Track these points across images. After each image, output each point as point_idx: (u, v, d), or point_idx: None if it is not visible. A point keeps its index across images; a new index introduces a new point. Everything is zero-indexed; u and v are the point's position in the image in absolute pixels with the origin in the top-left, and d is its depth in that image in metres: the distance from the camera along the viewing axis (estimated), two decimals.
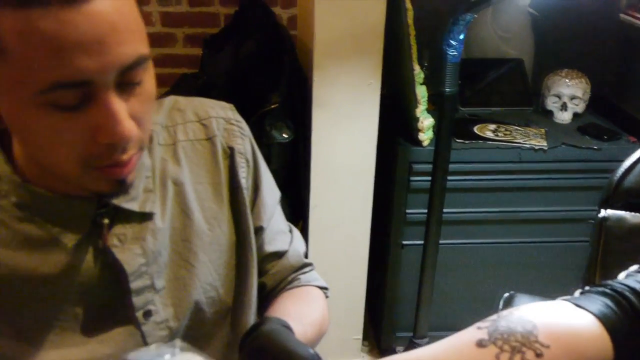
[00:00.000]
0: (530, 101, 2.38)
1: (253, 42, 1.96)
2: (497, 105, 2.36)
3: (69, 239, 0.80)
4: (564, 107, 2.24)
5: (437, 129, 1.84)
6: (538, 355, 0.74)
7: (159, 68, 1.89)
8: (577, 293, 0.87)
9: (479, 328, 0.78)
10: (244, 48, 1.95)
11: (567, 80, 2.24)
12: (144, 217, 0.85)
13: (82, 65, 0.64)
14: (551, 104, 2.27)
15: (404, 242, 2.19)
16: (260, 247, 0.99)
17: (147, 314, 0.86)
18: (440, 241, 2.02)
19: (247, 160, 0.95)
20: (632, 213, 1.08)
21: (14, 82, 0.65)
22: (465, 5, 1.64)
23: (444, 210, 1.97)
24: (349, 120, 1.96)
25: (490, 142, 2.08)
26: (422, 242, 2.02)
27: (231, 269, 0.95)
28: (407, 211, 2.14)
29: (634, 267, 0.89)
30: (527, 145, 2.06)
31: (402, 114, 2.12)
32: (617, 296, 0.82)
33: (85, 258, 0.82)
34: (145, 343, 0.85)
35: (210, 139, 0.93)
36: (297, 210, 2.17)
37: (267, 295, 1.03)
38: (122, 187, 0.78)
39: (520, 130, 2.16)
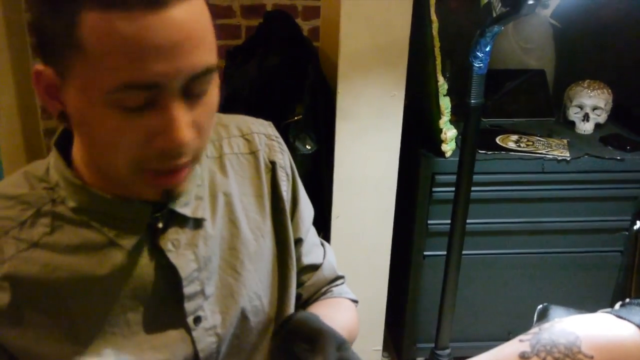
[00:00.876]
0: (552, 112, 2.38)
1: (277, 55, 1.98)
2: (519, 116, 2.36)
3: (126, 242, 0.81)
4: (586, 117, 2.24)
5: (462, 140, 1.84)
6: None
7: None
8: (617, 306, 0.87)
9: (521, 341, 0.78)
10: (269, 60, 1.97)
11: (589, 91, 2.24)
12: (197, 223, 0.87)
13: (154, 68, 0.65)
14: (573, 114, 2.27)
15: (426, 253, 2.19)
16: (298, 258, 1.01)
17: (197, 320, 0.87)
18: (463, 252, 2.01)
19: (288, 175, 0.98)
20: None
21: (88, 80, 0.67)
22: (493, 17, 1.65)
23: (467, 221, 1.97)
24: (372, 132, 1.97)
25: (512, 153, 2.09)
26: (444, 252, 2.02)
27: (273, 279, 0.97)
28: (429, 222, 2.14)
29: None
30: (550, 156, 2.06)
31: (424, 125, 2.12)
32: None
33: (140, 261, 0.83)
34: (195, 349, 0.86)
35: (253, 153, 0.96)
36: (318, 221, 2.17)
37: (302, 306, 1.05)
38: (169, 196, 0.79)
39: (542, 140, 2.16)
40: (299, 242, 1.00)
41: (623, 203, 2.10)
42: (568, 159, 2.06)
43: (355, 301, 1.11)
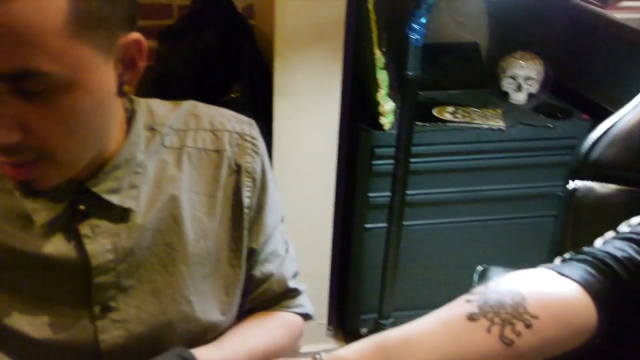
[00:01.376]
0: (486, 83, 2.42)
1: (212, 33, 1.94)
2: (455, 88, 2.40)
3: (41, 217, 0.80)
4: (519, 88, 2.30)
5: (399, 112, 1.86)
6: (527, 326, 0.77)
7: None
8: (557, 261, 0.90)
9: (468, 301, 0.79)
10: (203, 39, 1.93)
11: (521, 62, 2.29)
12: (124, 212, 0.84)
13: None
14: (507, 85, 2.32)
15: (367, 226, 2.21)
16: (250, 268, 0.98)
17: (107, 309, 0.84)
18: (404, 223, 2.05)
19: (254, 180, 0.93)
20: (600, 183, 1.12)
21: None
22: None
23: (407, 192, 2.00)
24: (310, 107, 1.97)
25: (449, 124, 2.12)
26: (385, 224, 2.04)
27: (214, 286, 0.93)
28: (370, 195, 2.16)
29: (610, 234, 0.92)
30: (485, 126, 2.11)
31: (363, 99, 2.13)
32: (599, 263, 0.84)
33: (55, 240, 0.81)
34: (97, 339, 0.84)
35: (218, 152, 0.92)
36: None
37: (248, 315, 1.01)
38: (26, 189, 0.79)
39: (477, 111, 2.20)
40: (252, 252, 0.96)
41: (555, 169, 2.16)
42: (503, 128, 2.11)
43: (306, 315, 1.06)
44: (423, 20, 1.69)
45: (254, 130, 0.97)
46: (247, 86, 1.93)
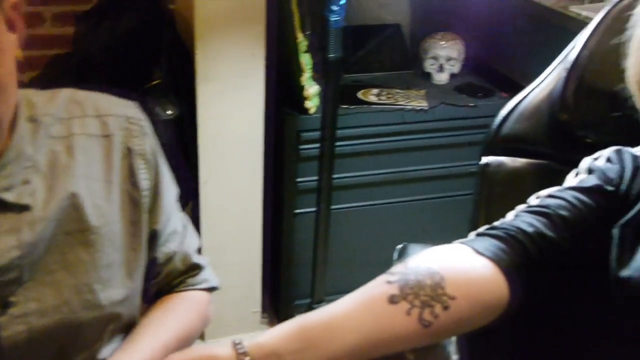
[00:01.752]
0: (409, 65, 2.45)
1: (130, 17, 1.91)
2: (379, 71, 2.42)
3: None
4: (441, 68, 2.34)
5: (323, 95, 1.86)
6: (445, 308, 0.79)
7: (27, 50, 1.80)
8: (472, 235, 0.93)
9: (389, 282, 0.81)
10: (121, 23, 1.90)
11: (442, 43, 2.33)
12: (22, 208, 0.82)
13: None
14: (429, 66, 2.36)
15: (297, 211, 2.21)
16: (152, 250, 0.97)
17: (7, 304, 0.82)
18: (333, 206, 2.06)
19: (147, 161, 0.93)
20: (511, 158, 1.15)
21: None
22: None
23: (334, 175, 2.01)
24: (234, 92, 1.95)
25: (374, 106, 2.14)
26: (314, 209, 2.05)
27: (116, 273, 0.91)
28: (298, 180, 2.16)
29: (521, 207, 0.95)
30: (409, 107, 2.13)
31: (288, 83, 2.13)
32: (510, 239, 0.87)
33: None
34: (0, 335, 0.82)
35: (107, 137, 0.91)
36: (188, 187, 2.15)
37: (154, 299, 1.02)
38: None
39: (401, 92, 2.23)
40: (154, 233, 0.96)
41: (477, 147, 2.18)
42: (426, 108, 2.14)
43: (212, 289, 1.07)
44: (342, 2, 1.70)
45: (139, 113, 0.96)
46: (169, 72, 1.90)
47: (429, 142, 2.18)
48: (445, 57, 2.33)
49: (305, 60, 1.99)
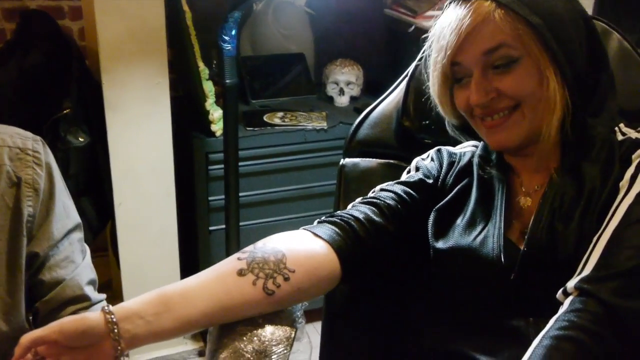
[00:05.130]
0: (313, 90, 2.63)
1: (38, 53, 2.02)
2: (285, 96, 2.58)
3: None
4: (341, 92, 2.52)
5: (224, 118, 2.00)
6: (286, 279, 0.95)
7: None
8: (315, 223, 1.09)
9: (239, 259, 0.97)
10: (29, 59, 2.01)
11: (341, 68, 2.52)
12: None
13: None
14: (331, 90, 2.54)
15: (211, 228, 2.33)
16: (36, 273, 1.05)
17: None
18: (242, 223, 2.18)
19: (36, 190, 1.03)
20: (364, 159, 1.31)
21: None
22: (232, 4, 1.83)
23: (242, 194, 2.15)
24: (142, 120, 2.06)
25: (277, 127, 2.30)
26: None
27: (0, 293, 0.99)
28: (210, 198, 2.29)
29: (358, 200, 1.13)
30: (310, 127, 2.30)
31: (195, 108, 2.27)
32: (343, 224, 1.04)
33: None
34: None
35: None
36: (104, 210, 2.25)
37: (40, 323, 1.06)
38: None
39: (304, 115, 2.40)
40: (35, 256, 1.04)
41: None
42: (325, 128, 2.31)
43: None
44: (233, 32, 1.85)
45: (38, 145, 1.06)
46: (78, 102, 2.01)
47: (329, 159, 2.33)
48: (344, 81, 2.51)
49: (208, 87, 2.14)
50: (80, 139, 2.02)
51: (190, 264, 2.41)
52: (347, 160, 1.32)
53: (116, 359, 0.86)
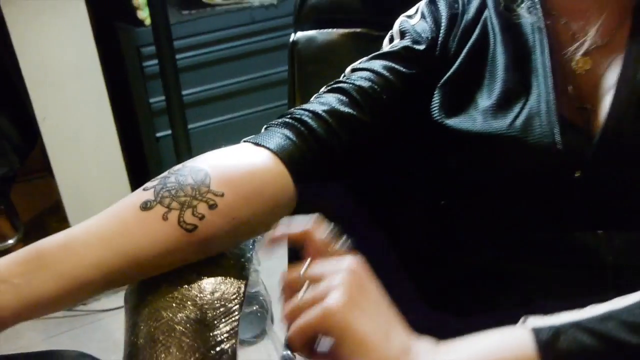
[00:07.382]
0: None
1: None
2: None
3: None
4: None
5: (149, 1, 1.66)
6: (211, 206, 0.65)
7: None
8: (263, 129, 0.79)
9: (145, 189, 0.67)
10: None
11: None
12: None
13: None
14: None
15: (158, 135, 2.04)
16: None
17: None
18: (190, 126, 1.89)
19: None
20: (320, 30, 1.00)
21: None
22: None
23: (185, 92, 1.84)
24: (50, 12, 1.73)
25: (218, 8, 1.96)
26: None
27: None
28: (151, 100, 1.98)
29: (322, 89, 0.83)
30: (257, 3, 1.97)
31: None
32: (297, 124, 0.75)
33: None
34: None
35: None
36: (29, 127, 1.94)
37: None
38: None
39: None
40: None
41: None
42: (275, 2, 1.97)
43: None
44: None
45: None
46: None
47: (282, 40, 2.01)
48: None
49: None
50: None
51: (140, 178, 2.12)
52: (300, 35, 0.99)
53: None
